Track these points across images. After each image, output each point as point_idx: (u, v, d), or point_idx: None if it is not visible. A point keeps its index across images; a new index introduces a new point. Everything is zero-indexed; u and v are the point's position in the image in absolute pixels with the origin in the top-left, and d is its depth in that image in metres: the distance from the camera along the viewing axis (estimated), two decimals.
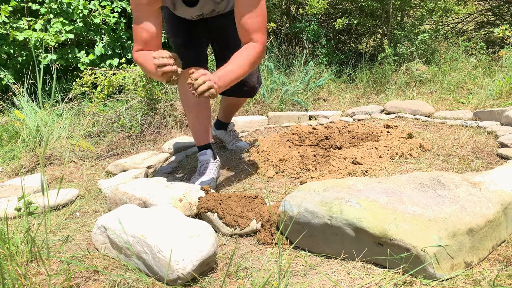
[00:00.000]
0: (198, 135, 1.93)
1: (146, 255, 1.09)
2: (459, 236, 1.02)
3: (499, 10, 5.57)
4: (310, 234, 1.20)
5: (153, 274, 1.10)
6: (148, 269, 1.11)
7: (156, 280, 1.08)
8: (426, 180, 1.28)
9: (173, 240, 1.08)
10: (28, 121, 2.60)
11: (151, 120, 2.94)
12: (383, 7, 4.40)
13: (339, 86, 3.93)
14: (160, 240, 1.08)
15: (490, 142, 2.14)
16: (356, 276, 1.06)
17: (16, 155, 2.44)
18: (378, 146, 2.10)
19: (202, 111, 1.89)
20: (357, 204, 1.14)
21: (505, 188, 1.21)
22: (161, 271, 1.06)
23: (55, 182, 2.13)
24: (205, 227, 1.15)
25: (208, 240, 1.11)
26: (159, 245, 1.07)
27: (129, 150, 2.60)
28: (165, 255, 1.05)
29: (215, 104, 3.18)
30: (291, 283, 1.05)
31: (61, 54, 3.69)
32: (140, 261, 1.13)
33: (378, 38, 5.15)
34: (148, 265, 1.10)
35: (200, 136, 1.92)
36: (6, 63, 3.69)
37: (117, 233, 1.17)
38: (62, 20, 3.63)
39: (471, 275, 1.02)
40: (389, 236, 1.03)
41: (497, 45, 4.69)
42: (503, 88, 3.04)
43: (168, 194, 1.50)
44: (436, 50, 4.39)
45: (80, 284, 1.09)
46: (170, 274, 1.04)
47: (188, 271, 1.04)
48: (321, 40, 4.46)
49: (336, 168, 1.89)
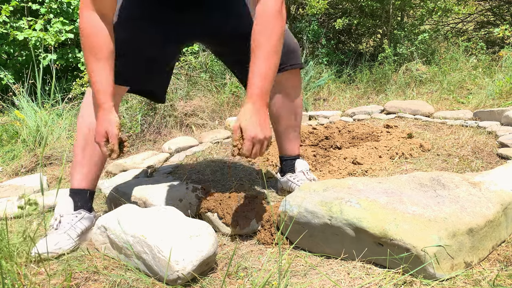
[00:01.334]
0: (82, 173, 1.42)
1: (146, 255, 1.09)
2: (459, 236, 1.02)
3: (499, 10, 5.57)
4: (310, 234, 1.20)
5: (153, 274, 1.10)
6: (148, 269, 1.11)
7: (156, 280, 1.08)
8: (426, 180, 1.28)
9: (173, 240, 1.08)
10: (28, 121, 2.60)
11: (151, 120, 2.94)
12: (383, 7, 4.40)
13: (339, 86, 3.93)
14: (160, 240, 1.08)
15: (490, 142, 2.14)
16: (356, 276, 1.06)
17: (16, 155, 2.44)
18: (378, 146, 2.10)
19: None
20: (357, 204, 1.14)
21: (505, 188, 1.21)
22: (161, 271, 1.06)
23: (55, 182, 2.13)
24: (205, 227, 1.15)
25: (208, 240, 1.11)
26: (159, 245, 1.07)
27: (129, 150, 2.60)
28: (165, 255, 1.05)
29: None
30: (291, 283, 1.05)
31: (61, 54, 3.69)
32: (140, 261, 1.13)
33: (378, 38, 5.15)
34: (148, 265, 1.10)
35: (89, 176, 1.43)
36: (6, 63, 3.69)
37: (117, 233, 1.17)
38: (62, 20, 3.63)
39: (471, 275, 1.02)
40: (389, 236, 1.03)
41: (497, 45, 4.69)
42: (503, 88, 3.04)
43: (168, 194, 1.50)
44: (436, 50, 4.39)
45: (80, 284, 1.09)
46: (170, 274, 1.04)
47: (188, 271, 1.04)
48: (321, 40, 4.46)
49: (336, 168, 1.89)
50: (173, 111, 3.05)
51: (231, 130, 1.23)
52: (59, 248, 1.25)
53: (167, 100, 3.06)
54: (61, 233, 1.28)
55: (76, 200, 1.37)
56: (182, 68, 3.63)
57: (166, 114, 3.00)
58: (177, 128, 2.97)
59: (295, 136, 1.61)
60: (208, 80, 3.49)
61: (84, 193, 1.40)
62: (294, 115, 1.58)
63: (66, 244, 1.27)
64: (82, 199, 1.39)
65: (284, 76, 1.50)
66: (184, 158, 2.36)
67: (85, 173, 1.40)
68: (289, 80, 1.52)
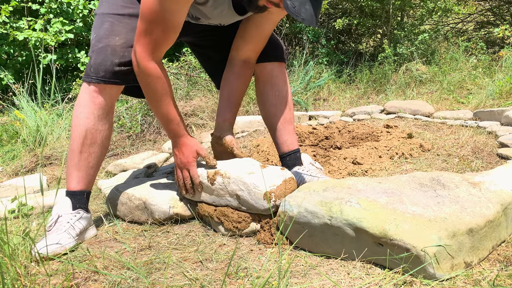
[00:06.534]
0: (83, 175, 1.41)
1: (242, 191, 1.30)
2: (459, 236, 1.02)
3: (499, 10, 5.57)
4: (310, 234, 1.20)
5: (248, 207, 1.31)
6: (242, 204, 1.32)
7: (248, 212, 1.32)
8: (426, 180, 1.28)
9: (265, 178, 1.30)
10: (28, 121, 2.60)
11: (151, 120, 2.94)
12: (383, 7, 4.40)
13: (339, 86, 3.93)
14: (256, 178, 1.30)
15: (490, 142, 2.14)
16: (356, 276, 1.06)
17: (16, 155, 2.44)
18: (378, 146, 2.10)
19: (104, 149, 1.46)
20: (357, 204, 1.14)
21: (505, 188, 1.21)
22: (257, 203, 1.28)
23: (55, 182, 2.13)
24: (285, 172, 1.37)
25: (288, 175, 1.37)
26: (255, 182, 1.29)
27: (129, 150, 2.60)
28: (261, 189, 1.27)
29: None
30: (291, 283, 1.05)
31: (61, 54, 3.69)
32: (232, 198, 1.34)
33: (378, 38, 5.15)
34: (243, 200, 1.31)
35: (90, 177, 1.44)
36: (6, 63, 3.69)
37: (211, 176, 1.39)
38: (62, 20, 3.63)
39: (471, 275, 1.02)
40: (389, 236, 1.03)
41: (497, 45, 4.70)
42: (503, 88, 3.04)
43: (168, 194, 1.50)
44: (436, 50, 4.39)
45: (80, 284, 1.09)
46: (266, 204, 1.27)
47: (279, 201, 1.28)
48: (321, 40, 4.46)
49: (336, 168, 1.89)
50: None
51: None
52: (61, 247, 1.25)
53: None
54: (61, 232, 1.28)
55: (73, 201, 1.37)
56: (182, 68, 3.63)
57: None
58: None
59: (292, 129, 1.63)
60: (208, 80, 3.49)
61: (81, 194, 1.40)
62: (288, 107, 1.62)
63: (67, 242, 1.27)
64: (80, 200, 1.39)
65: (270, 67, 1.58)
66: None
67: (82, 176, 1.40)
68: (276, 71, 1.59)
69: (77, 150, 1.38)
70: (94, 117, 1.37)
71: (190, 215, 1.49)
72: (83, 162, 1.39)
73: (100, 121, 1.39)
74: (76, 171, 1.39)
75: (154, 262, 1.20)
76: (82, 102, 1.38)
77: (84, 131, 1.37)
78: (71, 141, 1.39)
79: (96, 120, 1.37)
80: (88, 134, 1.37)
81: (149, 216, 1.47)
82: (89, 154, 1.39)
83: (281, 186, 1.30)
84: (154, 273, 1.13)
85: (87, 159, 1.39)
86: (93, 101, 1.36)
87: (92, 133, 1.37)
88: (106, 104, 1.38)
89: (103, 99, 1.37)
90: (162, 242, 1.34)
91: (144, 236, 1.39)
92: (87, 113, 1.36)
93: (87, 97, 1.37)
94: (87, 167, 1.40)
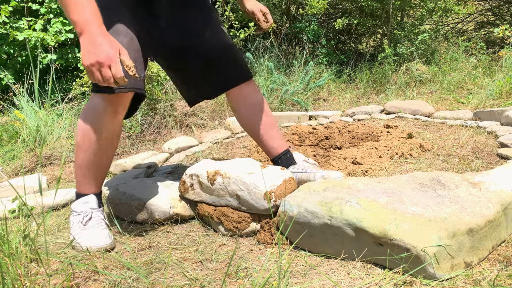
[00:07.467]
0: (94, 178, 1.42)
1: (242, 192, 1.31)
2: (459, 236, 1.02)
3: (499, 10, 5.57)
4: (310, 234, 1.20)
5: (248, 207, 1.32)
6: (242, 204, 1.32)
7: (248, 212, 1.32)
8: (426, 180, 1.28)
9: (265, 178, 1.31)
10: (28, 121, 2.60)
11: (151, 120, 2.94)
12: (383, 7, 4.41)
13: (339, 86, 3.93)
14: (256, 178, 1.31)
15: (490, 142, 2.14)
16: (356, 276, 1.06)
17: (16, 155, 2.44)
18: (378, 146, 2.10)
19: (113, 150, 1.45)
20: (357, 204, 1.14)
21: (505, 188, 1.21)
22: (257, 203, 1.29)
23: (55, 182, 2.13)
24: (285, 172, 1.39)
25: (288, 175, 1.38)
26: (255, 182, 1.30)
27: (129, 150, 2.60)
28: (261, 189, 1.28)
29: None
30: (291, 283, 1.05)
31: (61, 54, 3.69)
32: (233, 198, 1.34)
33: (378, 38, 5.15)
34: (243, 200, 1.31)
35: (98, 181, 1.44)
36: (6, 63, 3.69)
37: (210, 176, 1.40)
38: (62, 20, 3.63)
39: (471, 275, 1.02)
40: (389, 236, 1.03)
41: (497, 45, 4.70)
42: (503, 88, 3.04)
43: (168, 194, 1.50)
44: (436, 50, 4.39)
45: (80, 284, 1.09)
46: (266, 204, 1.28)
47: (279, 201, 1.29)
48: (321, 40, 4.46)
49: (336, 168, 1.89)
50: (173, 111, 3.05)
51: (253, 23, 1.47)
52: (110, 242, 1.30)
53: (167, 100, 3.06)
54: (103, 228, 1.33)
55: (98, 200, 1.42)
56: None
57: (166, 114, 3.00)
58: (177, 128, 2.97)
59: (275, 132, 1.65)
60: None
61: (98, 195, 1.43)
62: (265, 113, 1.64)
63: (110, 239, 1.31)
64: (99, 200, 1.43)
65: (238, 91, 1.62)
66: (184, 158, 2.36)
67: (95, 183, 1.41)
68: (243, 89, 1.62)
69: (90, 161, 1.37)
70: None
71: (190, 215, 1.49)
72: (93, 172, 1.39)
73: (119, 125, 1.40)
74: (89, 179, 1.40)
75: (154, 262, 1.20)
76: (92, 106, 1.35)
77: (96, 138, 1.35)
78: (81, 147, 1.37)
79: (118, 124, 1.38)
80: (103, 140, 1.37)
81: (149, 216, 1.47)
82: (100, 163, 1.39)
83: (281, 186, 1.30)
84: (154, 273, 1.13)
85: (98, 168, 1.40)
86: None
87: (113, 136, 1.39)
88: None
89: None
90: (162, 242, 1.34)
91: (144, 236, 1.39)
92: (100, 120, 1.34)
93: (98, 106, 1.33)
94: (98, 175, 1.41)
